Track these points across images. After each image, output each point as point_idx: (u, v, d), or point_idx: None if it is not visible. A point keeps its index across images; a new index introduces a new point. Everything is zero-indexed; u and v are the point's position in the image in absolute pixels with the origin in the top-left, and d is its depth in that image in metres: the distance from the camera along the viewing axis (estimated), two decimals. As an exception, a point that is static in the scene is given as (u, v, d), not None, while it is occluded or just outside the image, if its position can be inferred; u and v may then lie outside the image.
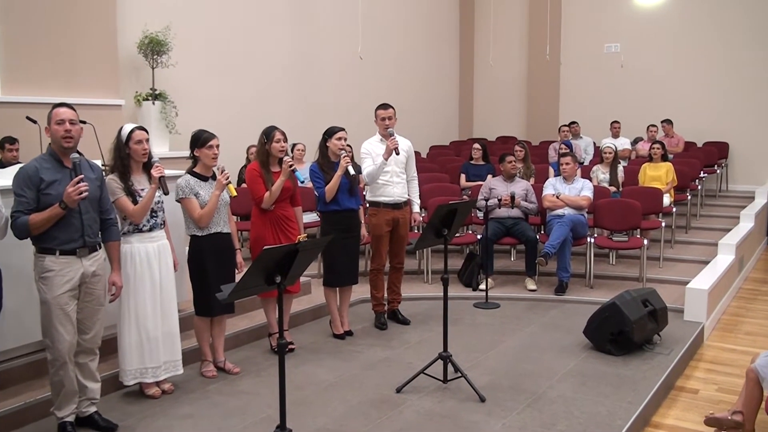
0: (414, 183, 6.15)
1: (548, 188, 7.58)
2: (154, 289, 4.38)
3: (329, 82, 11.00)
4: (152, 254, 4.38)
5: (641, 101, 12.95)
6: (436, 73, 14.03)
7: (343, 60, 11.17)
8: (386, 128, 5.82)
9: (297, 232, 5.26)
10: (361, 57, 10.23)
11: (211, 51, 9.09)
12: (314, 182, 5.59)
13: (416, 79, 13.27)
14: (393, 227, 5.95)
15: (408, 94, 12.69)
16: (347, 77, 11.36)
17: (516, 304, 6.91)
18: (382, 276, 6.12)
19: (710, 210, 10.65)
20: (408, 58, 13.03)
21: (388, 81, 12.29)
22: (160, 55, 7.91)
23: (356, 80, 11.54)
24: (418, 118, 12.82)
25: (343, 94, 11.22)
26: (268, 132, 5.18)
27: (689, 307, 6.26)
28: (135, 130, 4.31)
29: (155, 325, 4.40)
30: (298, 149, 8.84)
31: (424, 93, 13.56)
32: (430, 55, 13.80)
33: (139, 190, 4.33)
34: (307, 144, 8.92)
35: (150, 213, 4.37)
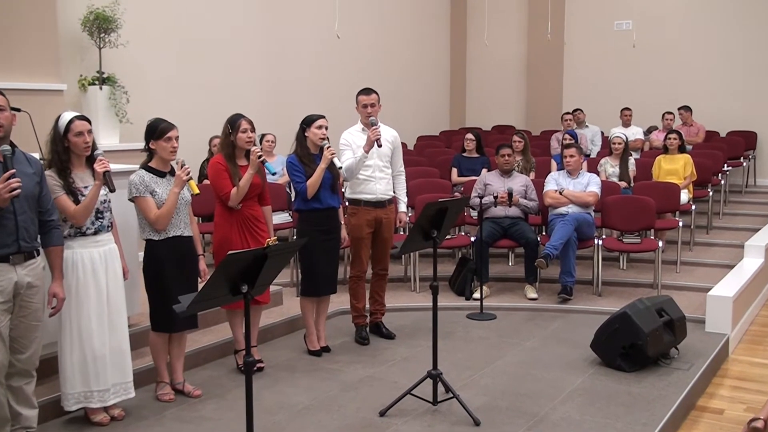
0: (400, 178, 6.16)
1: (550, 183, 7.62)
2: (100, 300, 4.35)
3: (303, 64, 10.99)
4: (98, 261, 4.35)
5: (656, 85, 13.04)
6: (424, 54, 14.06)
7: (319, 40, 11.15)
8: (368, 116, 5.82)
9: (266, 235, 5.25)
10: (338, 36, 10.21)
11: (168, 28, 9.05)
12: (293, 176, 5.59)
13: (402, 60, 13.28)
14: (375, 228, 5.95)
15: (393, 77, 12.70)
16: (323, 59, 11.35)
17: (514, 314, 6.94)
18: (364, 284, 6.12)
19: (735, 208, 10.75)
20: (392, 36, 13.05)
21: (370, 63, 12.29)
22: (107, 34, 7.86)
23: (333, 62, 11.53)
24: (404, 105, 12.83)
25: (318, 78, 11.21)
26: (233, 121, 5.17)
27: (711, 317, 6.32)
28: (75, 120, 4.28)
29: (102, 342, 4.37)
30: (268, 140, 8.82)
31: (411, 76, 13.58)
32: (417, 33, 13.82)
33: (81, 187, 4.30)
34: (277, 134, 8.90)
35: (95, 214, 4.34)
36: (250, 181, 5.11)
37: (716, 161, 10.31)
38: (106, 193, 4.38)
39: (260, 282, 3.47)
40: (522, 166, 8.95)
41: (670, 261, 8.05)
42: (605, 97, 13.24)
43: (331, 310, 6.34)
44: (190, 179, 4.63)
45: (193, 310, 3.37)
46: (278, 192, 8.02)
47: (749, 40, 12.42)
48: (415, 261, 7.59)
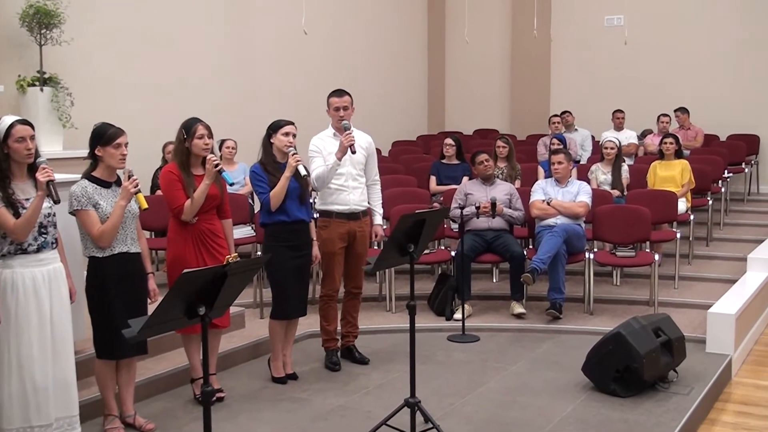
0: (375, 188, 6.17)
1: (537, 192, 7.66)
2: (42, 325, 4.28)
3: (266, 63, 10.97)
4: (41, 282, 4.29)
5: (650, 85, 13.17)
6: (399, 52, 14.10)
7: (284, 36, 11.15)
8: (341, 120, 5.83)
9: (226, 251, 5.22)
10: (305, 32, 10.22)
11: (117, 23, 8.99)
12: (256, 187, 5.58)
13: (376, 59, 13.31)
14: (348, 243, 5.95)
15: (366, 77, 12.72)
16: (289, 57, 11.34)
17: (499, 335, 6.95)
18: (335, 304, 6.11)
19: (737, 217, 10.88)
20: (365, 33, 13.08)
21: (341, 62, 12.30)
22: (49, 29, 7.79)
23: (301, 61, 11.52)
24: (378, 108, 12.84)
25: (284, 78, 11.20)
26: (188, 126, 5.15)
27: (713, 337, 6.37)
28: (16, 125, 4.23)
29: (44, 372, 4.29)
30: (228, 147, 8.80)
31: (386, 76, 13.62)
32: (391, 29, 13.86)
33: (22, 199, 4.24)
34: (239, 140, 8.87)
35: (38, 229, 4.28)
36: (205, 192, 5.08)
37: (716, 167, 10.42)
38: (51, 205, 4.32)
39: (219, 303, 3.46)
40: (506, 173, 8.99)
41: (668, 276, 8.12)
42: (596, 99, 13.36)
43: (298, 333, 6.29)
44: (138, 192, 4.59)
45: (145, 336, 3.34)
46: (240, 203, 7.99)
47: (750, 37, 12.58)
48: (391, 278, 7.58)
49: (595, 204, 7.72)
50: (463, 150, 9.47)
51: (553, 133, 10.94)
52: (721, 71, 12.79)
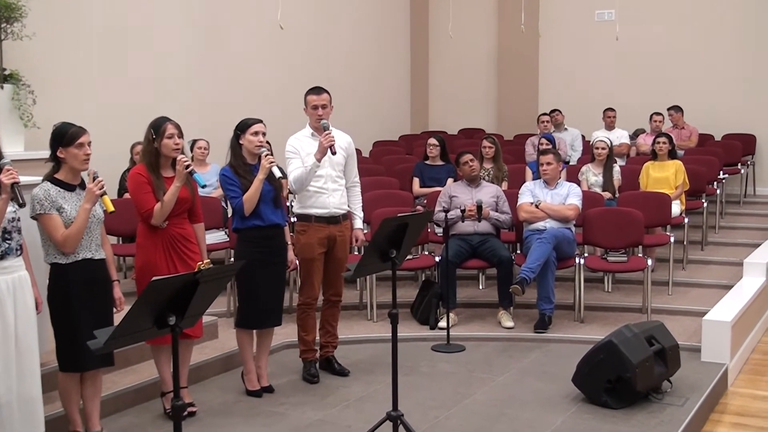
0: (355, 190, 6.18)
1: (525, 195, 7.68)
2: (6, 337, 4.25)
3: (241, 59, 10.94)
4: (4, 291, 4.26)
5: (643, 83, 13.25)
6: (381, 48, 14.11)
7: (259, 31, 11.13)
8: (319, 119, 5.82)
9: (198, 257, 5.20)
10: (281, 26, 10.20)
11: (82, 18, 8.94)
12: (227, 191, 5.56)
13: (356, 55, 13.32)
14: (328, 248, 5.95)
15: (345, 75, 12.72)
16: (265, 53, 11.32)
17: (486, 345, 6.96)
18: (314, 313, 6.10)
19: (733, 220, 10.96)
20: (344, 28, 13.08)
21: (319, 57, 12.29)
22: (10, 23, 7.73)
23: (277, 57, 11.50)
24: (358, 107, 12.85)
25: (259, 75, 11.17)
26: (157, 125, 5.12)
27: (708, 345, 6.40)
28: (-25, 125, 4.21)
29: (8, 387, 4.26)
30: (200, 147, 8.77)
31: (366, 73, 13.62)
32: (372, 24, 13.87)
33: (-16, 204, 4.21)
34: (211, 140, 8.84)
35: (2, 234, 4.26)
36: (176, 195, 5.06)
37: (711, 168, 10.49)
38: (15, 209, 4.30)
39: (190, 312, 3.45)
40: (493, 174, 9.02)
41: (661, 282, 8.16)
42: (586, 97, 13.40)
43: (275, 343, 6.29)
44: (104, 194, 4.56)
45: (112, 347, 3.32)
46: (212, 207, 7.96)
47: (747, 32, 12.67)
48: (372, 285, 7.58)
49: (585, 207, 7.75)
50: (447, 150, 9.48)
51: (542, 132, 10.97)
52: (716, 68, 12.86)
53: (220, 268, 3.78)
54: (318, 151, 5.72)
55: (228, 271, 4.09)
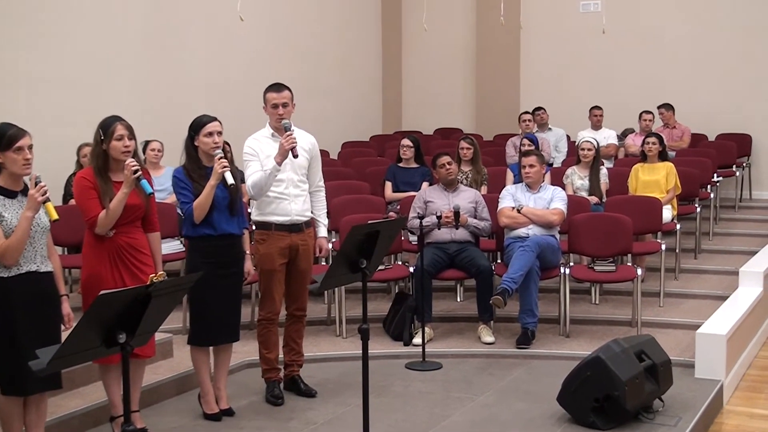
0: (319, 195, 6.16)
1: (506, 199, 7.71)
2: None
3: (197, 54, 10.89)
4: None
5: (631, 79, 13.35)
6: (349, 40, 14.11)
7: (217, 22, 11.09)
8: (280, 119, 5.80)
9: (149, 269, 5.17)
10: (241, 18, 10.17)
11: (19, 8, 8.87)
12: (178, 195, 5.53)
13: (322, 49, 13.31)
14: (290, 259, 5.93)
15: (310, 70, 12.71)
16: (223, 47, 11.28)
17: (465, 362, 6.97)
18: (276, 329, 6.07)
19: (728, 226, 11.07)
20: (309, 18, 13.06)
21: (282, 51, 12.27)
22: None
23: (236, 51, 11.47)
24: (324, 105, 12.84)
25: (217, 71, 11.13)
26: (106, 125, 5.09)
27: (702, 360, 6.44)
28: None
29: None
30: (153, 149, 8.71)
31: (334, 69, 13.61)
32: (340, 15, 13.88)
33: None
34: (166, 142, 8.79)
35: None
36: (123, 202, 5.02)
37: (704, 170, 10.57)
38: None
39: (142, 329, 3.43)
40: (471, 178, 9.04)
41: (652, 293, 8.22)
42: (571, 94, 13.50)
43: (234, 362, 6.27)
44: (48, 201, 4.52)
45: (56, 368, 3.29)
46: (167, 214, 7.90)
47: (741, 26, 12.80)
48: (341, 298, 7.56)
49: (570, 212, 7.80)
50: (422, 152, 9.50)
51: (524, 132, 11.01)
52: (709, 63, 12.97)
53: (175, 280, 3.77)
54: (278, 153, 5.70)
55: (183, 283, 4.07)
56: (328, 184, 6.58)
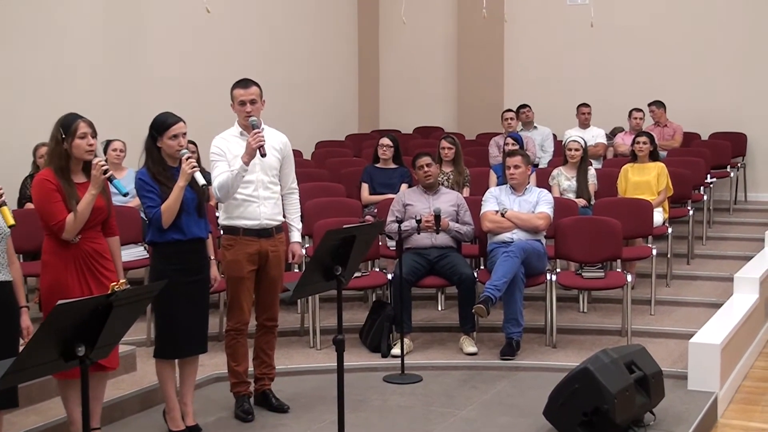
0: (292, 197, 6.16)
1: (489, 202, 7.73)
2: None
3: (161, 48, 10.85)
4: None
5: (621, 75, 13.38)
6: (324, 34, 14.11)
7: (183, 14, 11.06)
8: (248, 116, 5.79)
9: (114, 276, 5.15)
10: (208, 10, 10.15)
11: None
12: (144, 199, 5.48)
13: (294, 43, 13.29)
14: (260, 265, 5.92)
15: (282, 65, 12.70)
16: (189, 41, 11.25)
17: (446, 375, 6.97)
18: (245, 340, 6.05)
19: (722, 230, 11.13)
20: (280, 11, 13.06)
21: (251, 45, 12.25)
22: None
23: (202, 45, 11.44)
24: (297, 102, 12.83)
25: (182, 66, 11.09)
26: (67, 123, 5.06)
27: (695, 371, 6.47)
28: None
29: None
30: (115, 149, 8.68)
31: (307, 64, 13.60)
32: (313, 6, 13.87)
33: None
34: (129, 141, 8.75)
35: None
36: (92, 204, 5.00)
37: (697, 171, 10.62)
38: None
39: (103, 341, 3.41)
40: (453, 179, 9.05)
41: (642, 300, 8.27)
42: (557, 91, 13.54)
43: (201, 376, 6.25)
44: (3, 204, 4.50)
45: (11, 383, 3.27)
46: (130, 218, 7.87)
47: (736, 19, 12.85)
48: (314, 308, 7.54)
49: (557, 215, 7.82)
50: (401, 152, 9.50)
51: (508, 131, 11.05)
52: (703, 59, 13.01)
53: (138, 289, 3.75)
54: (245, 152, 5.67)
55: (147, 292, 4.06)
56: (302, 186, 6.57)
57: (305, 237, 8.03)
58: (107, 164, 5.05)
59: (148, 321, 7.34)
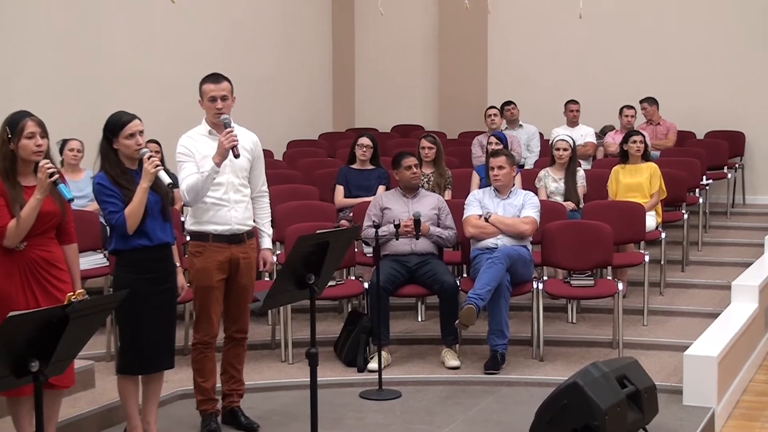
0: (262, 201, 6.14)
1: (472, 206, 7.73)
2: None
3: (122, 41, 10.81)
4: None
5: (611, 70, 13.45)
6: (296, 27, 14.10)
7: (145, 3, 11.03)
8: (218, 114, 5.77)
9: (68, 287, 5.11)
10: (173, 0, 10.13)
11: None
12: (104, 203, 5.40)
13: (265, 36, 13.29)
14: (229, 274, 5.89)
15: (250, 58, 12.68)
16: (152, 34, 11.22)
17: (427, 390, 6.97)
18: (213, 354, 6.03)
19: (719, 235, 11.17)
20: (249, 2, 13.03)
21: (219, 38, 12.23)
22: None
23: (167, 38, 11.40)
24: (268, 98, 12.83)
25: (145, 61, 11.06)
26: (14, 122, 5.03)
27: (691, 385, 6.48)
28: None
29: None
30: (72, 149, 8.65)
31: (278, 58, 13.60)
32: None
33: None
34: (87, 141, 8.71)
35: None
36: (36, 209, 4.95)
37: (692, 172, 10.67)
38: None
39: (59, 356, 3.40)
40: (434, 181, 9.06)
41: (635, 310, 8.30)
42: (544, 87, 13.60)
43: (165, 392, 6.21)
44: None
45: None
46: (88, 223, 7.83)
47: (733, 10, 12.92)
48: (286, 319, 7.53)
49: (544, 220, 7.83)
50: (378, 152, 9.49)
51: (492, 130, 11.07)
52: (697, 52, 13.08)
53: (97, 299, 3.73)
54: (216, 153, 5.64)
55: (106, 303, 4.05)
56: (272, 188, 6.56)
57: (276, 243, 8.02)
58: (56, 167, 5.01)
59: (108, 334, 7.31)
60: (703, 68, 13.03)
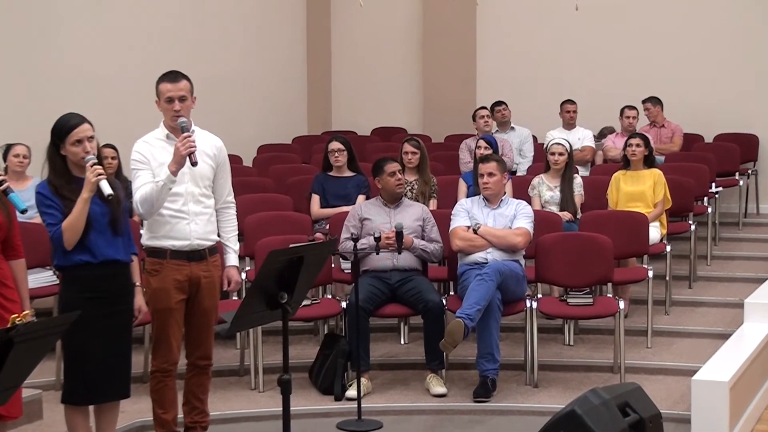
0: (228, 213, 6.14)
1: (460, 216, 7.74)
2: None
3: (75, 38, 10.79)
4: None
5: (611, 68, 13.46)
6: (267, 21, 14.10)
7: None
8: (176, 117, 5.76)
9: (16, 307, 5.10)
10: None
11: None
12: (44, 215, 5.40)
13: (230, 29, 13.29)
14: (190, 294, 5.88)
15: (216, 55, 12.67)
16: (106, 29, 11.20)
17: (410, 420, 6.98)
18: (173, 383, 6.02)
19: (729, 248, 11.19)
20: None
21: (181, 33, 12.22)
22: None
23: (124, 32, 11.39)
24: (235, 99, 12.82)
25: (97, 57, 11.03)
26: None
27: (699, 414, 6.47)
28: None
29: None
30: (17, 155, 8.63)
31: (247, 55, 13.59)
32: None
33: None
34: (34, 146, 8.68)
35: None
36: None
37: (700, 179, 10.68)
38: None
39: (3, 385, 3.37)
40: (417, 189, 9.06)
41: (638, 331, 8.32)
42: (538, 86, 13.62)
43: (122, 424, 6.22)
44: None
45: None
46: (36, 237, 7.78)
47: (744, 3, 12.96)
48: (256, 342, 7.52)
49: (538, 231, 7.85)
50: (356, 157, 9.48)
51: (481, 133, 11.08)
52: (705, 48, 13.09)
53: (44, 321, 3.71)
54: (173, 160, 5.61)
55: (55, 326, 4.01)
56: (240, 198, 6.55)
57: (245, 259, 8.01)
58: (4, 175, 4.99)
59: (57, 360, 7.27)
60: (711, 65, 13.04)
